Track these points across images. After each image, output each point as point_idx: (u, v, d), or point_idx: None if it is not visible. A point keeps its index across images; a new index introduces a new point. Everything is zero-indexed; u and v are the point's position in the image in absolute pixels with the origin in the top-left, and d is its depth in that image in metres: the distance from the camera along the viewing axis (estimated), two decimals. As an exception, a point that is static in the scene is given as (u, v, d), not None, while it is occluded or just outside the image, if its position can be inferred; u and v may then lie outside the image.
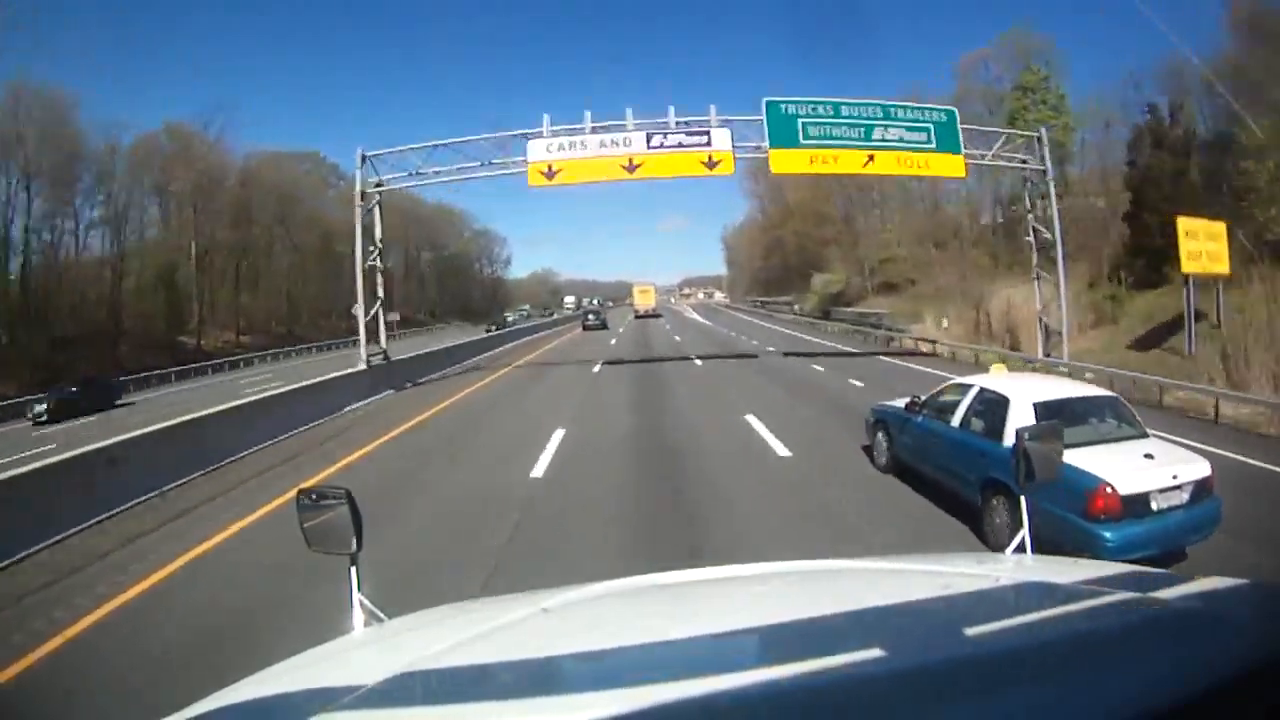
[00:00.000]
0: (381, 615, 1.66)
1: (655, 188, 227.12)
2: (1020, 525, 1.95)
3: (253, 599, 4.93)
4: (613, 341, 32.76)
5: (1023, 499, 2.09)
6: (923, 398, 6.92)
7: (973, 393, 6.06)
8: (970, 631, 1.03)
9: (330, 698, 0.96)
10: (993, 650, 0.96)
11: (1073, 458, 4.61)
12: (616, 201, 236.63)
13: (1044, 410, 5.23)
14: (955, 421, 6.10)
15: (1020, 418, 5.20)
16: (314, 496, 1.74)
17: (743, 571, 1.64)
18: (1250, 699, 0.72)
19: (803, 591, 1.46)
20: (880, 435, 7.71)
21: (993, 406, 5.68)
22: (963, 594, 1.27)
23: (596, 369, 20.14)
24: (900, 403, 7.38)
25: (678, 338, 34.11)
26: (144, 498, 7.65)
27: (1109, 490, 4.59)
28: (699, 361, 21.33)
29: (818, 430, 10.26)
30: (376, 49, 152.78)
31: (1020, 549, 1.91)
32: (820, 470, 7.99)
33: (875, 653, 0.93)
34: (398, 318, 44.41)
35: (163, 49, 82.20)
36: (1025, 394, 5.56)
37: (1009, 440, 4.98)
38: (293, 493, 1.98)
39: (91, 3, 66.51)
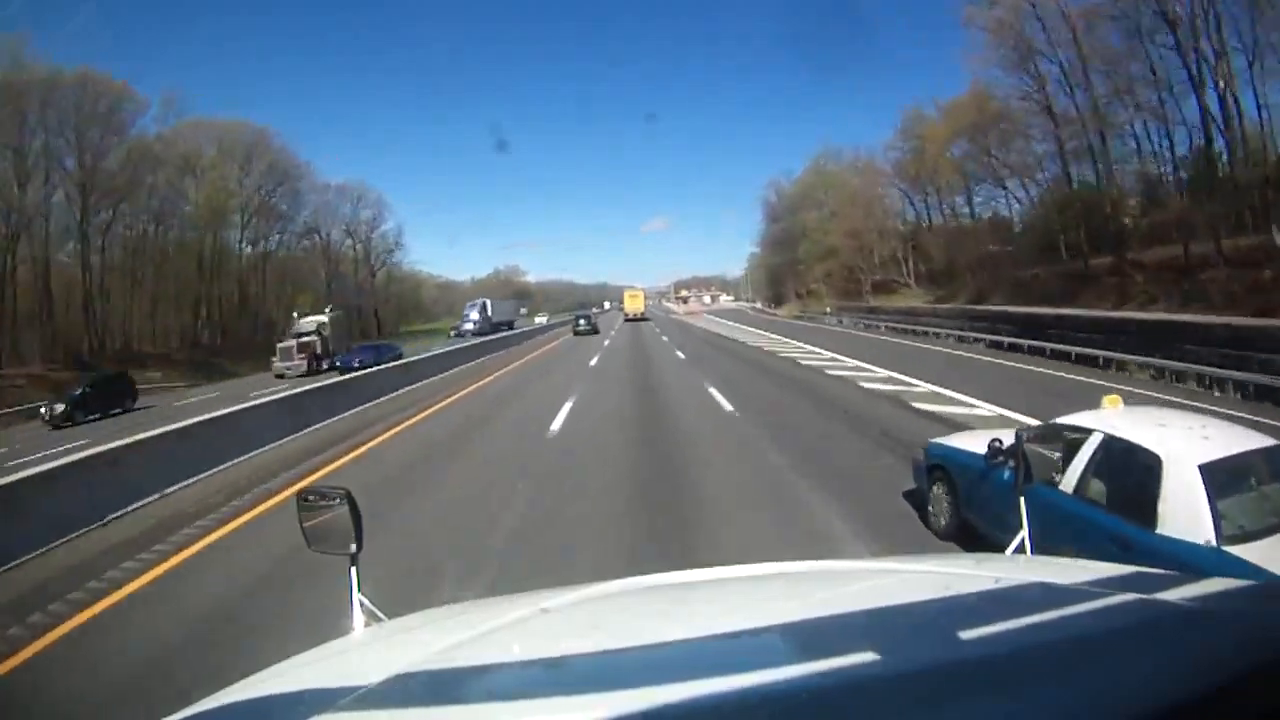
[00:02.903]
0: (381, 615, 1.67)
1: (639, 186, 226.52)
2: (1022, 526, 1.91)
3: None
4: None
5: (1022, 500, 2.05)
6: (1006, 442, 4.54)
7: (1095, 442, 4.05)
8: (970, 632, 1.03)
9: (330, 698, 0.97)
10: (992, 651, 0.96)
11: (1273, 557, 3.04)
12: (597, 201, 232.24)
13: (1215, 477, 3.41)
14: (1067, 484, 4.09)
15: (1182, 488, 3.42)
16: (314, 496, 1.76)
17: (743, 572, 1.65)
18: (1250, 699, 0.72)
19: (803, 592, 1.47)
20: (939, 487, 5.58)
21: (1132, 467, 3.74)
22: (962, 594, 1.28)
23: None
24: (968, 442, 5.42)
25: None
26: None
27: None
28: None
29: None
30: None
31: (1020, 549, 1.87)
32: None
33: (875, 653, 0.93)
34: None
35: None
36: (1184, 450, 3.59)
37: (1168, 524, 3.39)
38: None
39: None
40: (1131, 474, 3.72)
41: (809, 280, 61.24)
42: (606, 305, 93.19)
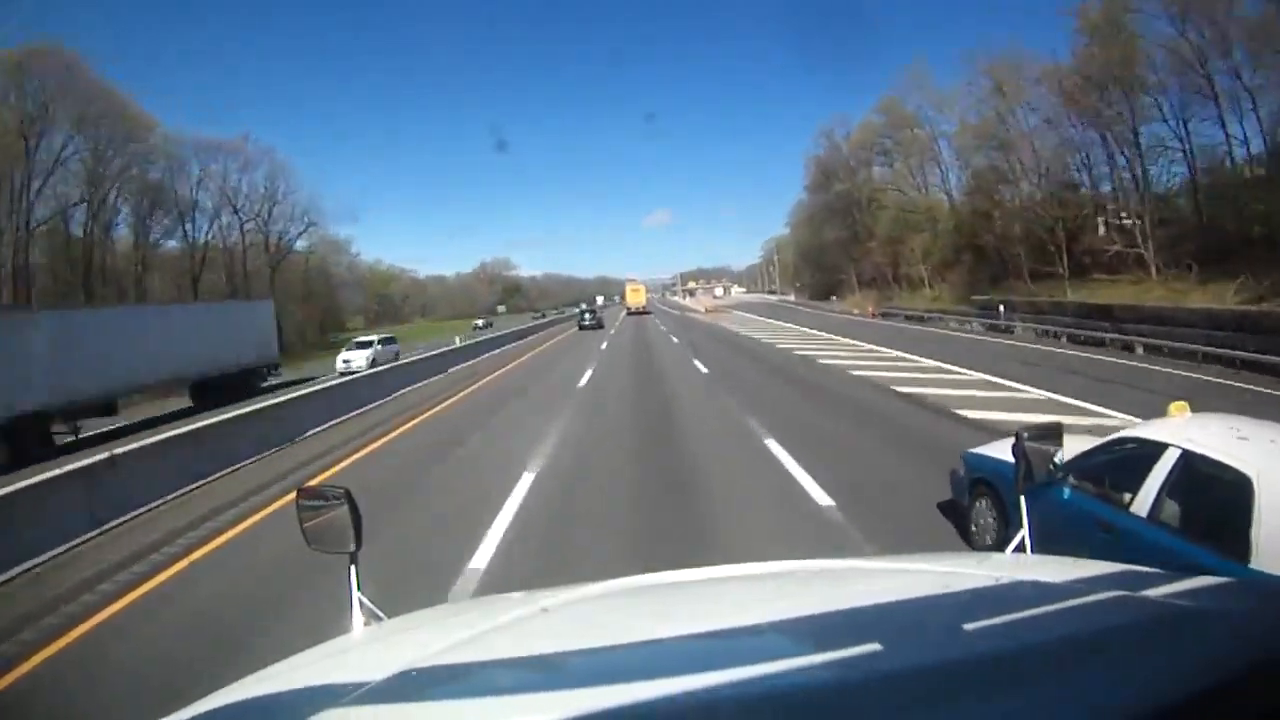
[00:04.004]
0: (381, 614, 1.67)
1: (641, 180, 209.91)
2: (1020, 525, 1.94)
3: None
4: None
5: (1022, 499, 2.06)
6: (1068, 454, 3.78)
7: (1171, 459, 3.45)
8: (969, 630, 1.02)
9: (329, 697, 0.96)
10: (992, 649, 0.95)
11: None
12: (598, 195, 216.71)
13: None
14: (1140, 508, 3.52)
15: (1278, 513, 2.87)
16: (313, 496, 1.75)
17: (743, 571, 1.65)
18: (1248, 698, 0.71)
19: (803, 591, 1.47)
20: (984, 503, 4.93)
21: (1215, 488, 3.21)
22: (962, 593, 1.27)
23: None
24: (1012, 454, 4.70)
25: None
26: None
27: None
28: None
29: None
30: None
31: (1020, 549, 1.91)
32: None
33: (875, 652, 0.93)
34: None
35: None
36: (1276, 468, 3.00)
37: (1264, 555, 2.84)
38: None
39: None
40: (1216, 496, 3.26)
41: (885, 262, 43.78)
42: (600, 300, 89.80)
